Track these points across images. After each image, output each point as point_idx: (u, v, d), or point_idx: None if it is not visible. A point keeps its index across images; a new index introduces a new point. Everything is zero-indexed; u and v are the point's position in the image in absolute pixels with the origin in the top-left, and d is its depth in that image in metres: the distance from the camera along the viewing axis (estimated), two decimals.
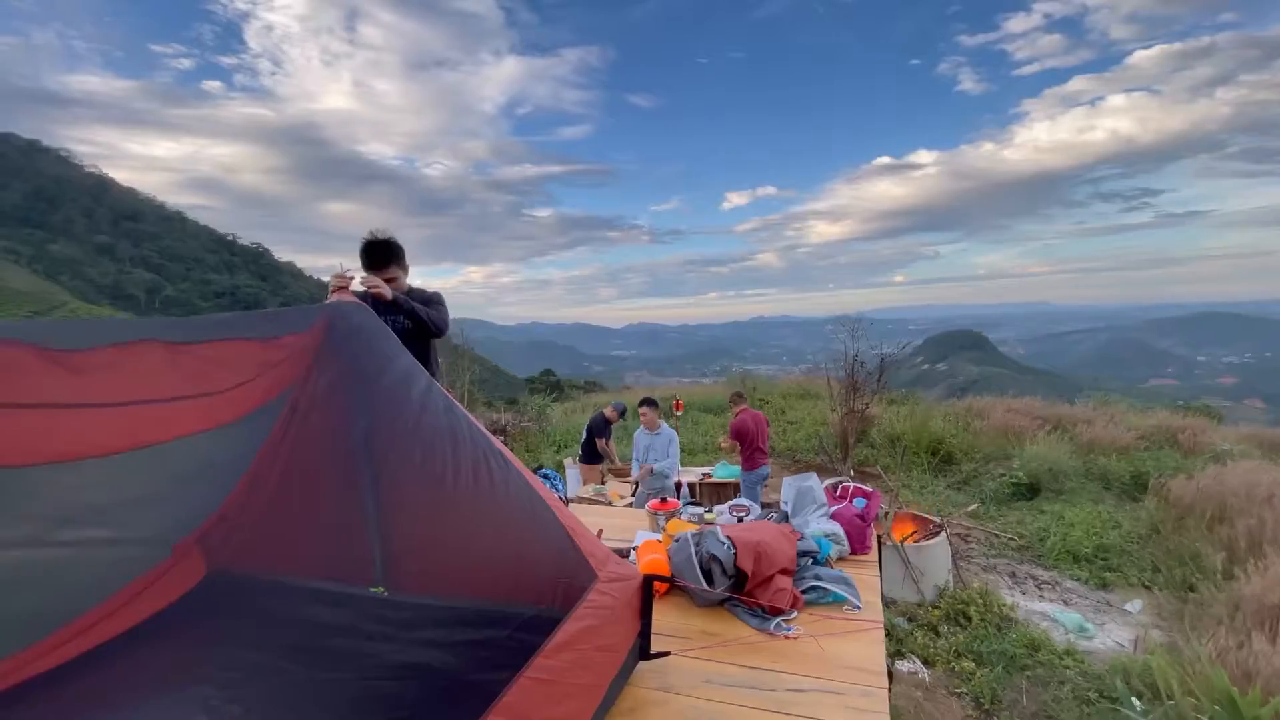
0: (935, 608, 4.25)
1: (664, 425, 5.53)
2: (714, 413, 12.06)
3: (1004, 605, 4.37)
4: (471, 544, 1.90)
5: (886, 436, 8.41)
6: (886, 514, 4.60)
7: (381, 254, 2.56)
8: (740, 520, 2.67)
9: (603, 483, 5.89)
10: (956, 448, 7.87)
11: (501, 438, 10.15)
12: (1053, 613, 4.42)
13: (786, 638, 1.90)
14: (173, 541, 2.18)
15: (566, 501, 3.42)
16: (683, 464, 8.31)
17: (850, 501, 2.83)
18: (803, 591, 2.12)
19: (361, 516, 2.13)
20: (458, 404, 1.86)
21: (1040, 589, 4.89)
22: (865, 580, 2.30)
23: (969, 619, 4.12)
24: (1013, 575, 5.15)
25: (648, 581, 1.72)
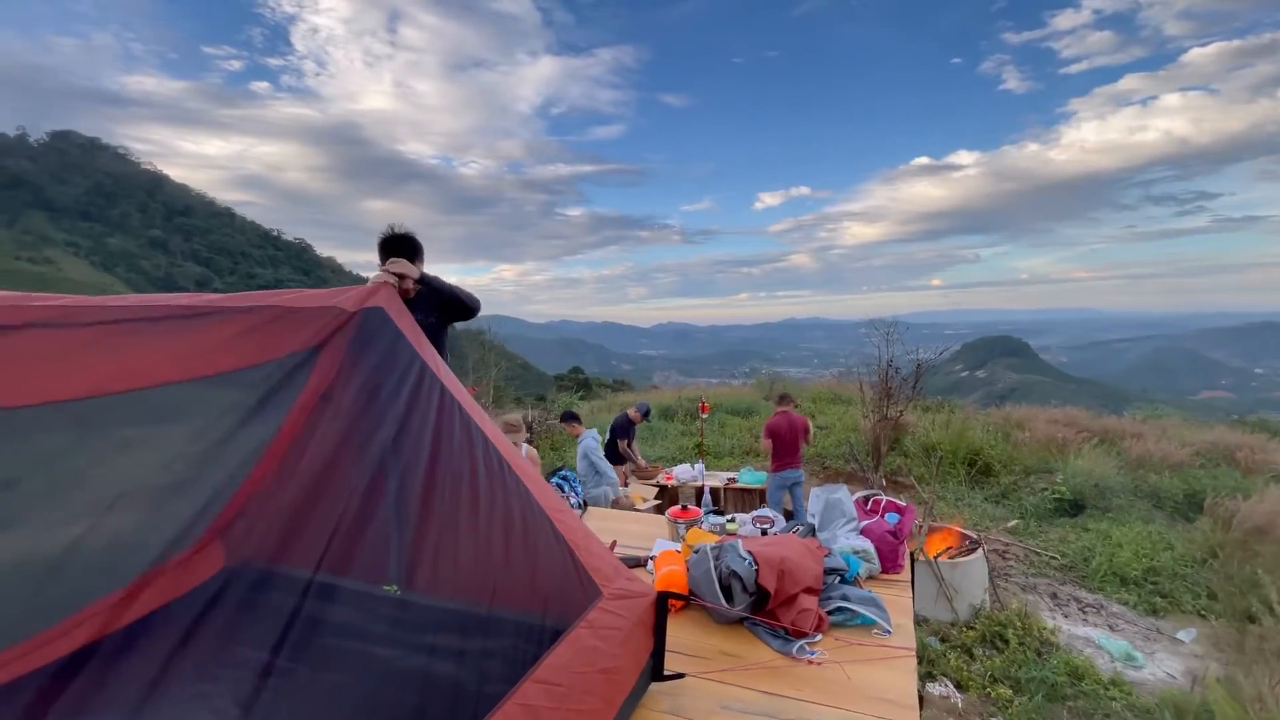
0: (970, 628, 4.05)
1: (585, 434, 5.36)
2: (741, 415, 11.88)
3: (1044, 628, 4.14)
4: (481, 548, 1.83)
5: (921, 445, 8.12)
6: (920, 527, 4.40)
7: (407, 249, 2.49)
8: (764, 533, 2.55)
9: (625, 484, 5.81)
10: (995, 459, 7.55)
11: (529, 435, 10.17)
12: (1097, 638, 4.17)
13: (810, 662, 1.78)
14: (193, 529, 2.17)
15: (585, 504, 3.34)
16: (708, 468, 8.19)
17: (882, 516, 2.68)
18: (829, 613, 2.00)
19: (384, 518, 2.09)
20: (468, 401, 1.79)
21: (1084, 612, 4.62)
22: (896, 602, 2.16)
23: (1006, 642, 3.91)
24: (1054, 596, 4.89)
25: (662, 600, 1.62)
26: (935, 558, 4.21)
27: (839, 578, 2.21)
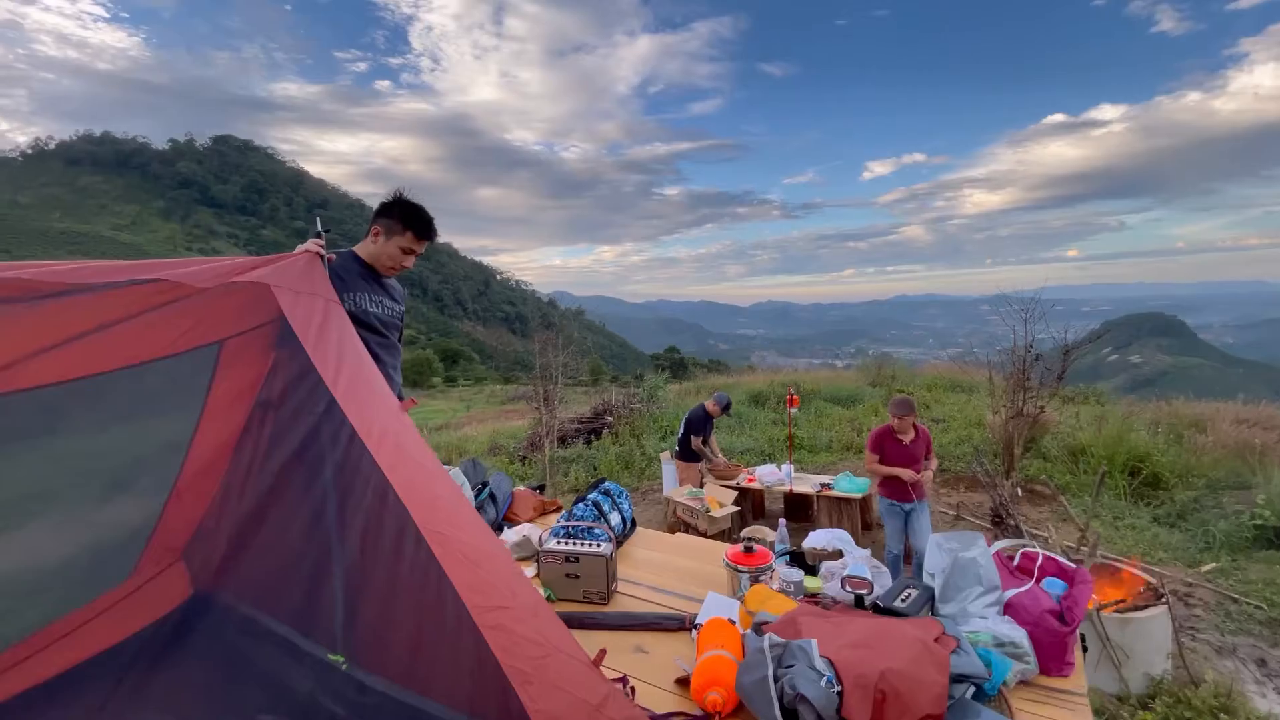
0: (1147, 708, 3.05)
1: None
2: (842, 404, 10.77)
3: (1256, 715, 3.05)
4: (419, 626, 1.29)
5: (1065, 447, 6.76)
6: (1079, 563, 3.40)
7: (429, 228, 1.96)
8: (859, 601, 1.82)
9: (700, 484, 5.16)
10: (1165, 468, 6.08)
11: (609, 419, 9.77)
12: None
13: None
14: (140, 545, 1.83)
15: (633, 522, 2.74)
16: (800, 464, 7.29)
17: (1038, 583, 1.86)
18: None
19: (328, 564, 1.63)
20: (389, 436, 1.23)
21: None
22: None
23: None
24: (1261, 664, 3.68)
25: None
26: (1099, 610, 3.21)
27: (973, 689, 1.46)
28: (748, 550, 2.10)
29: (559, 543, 2.15)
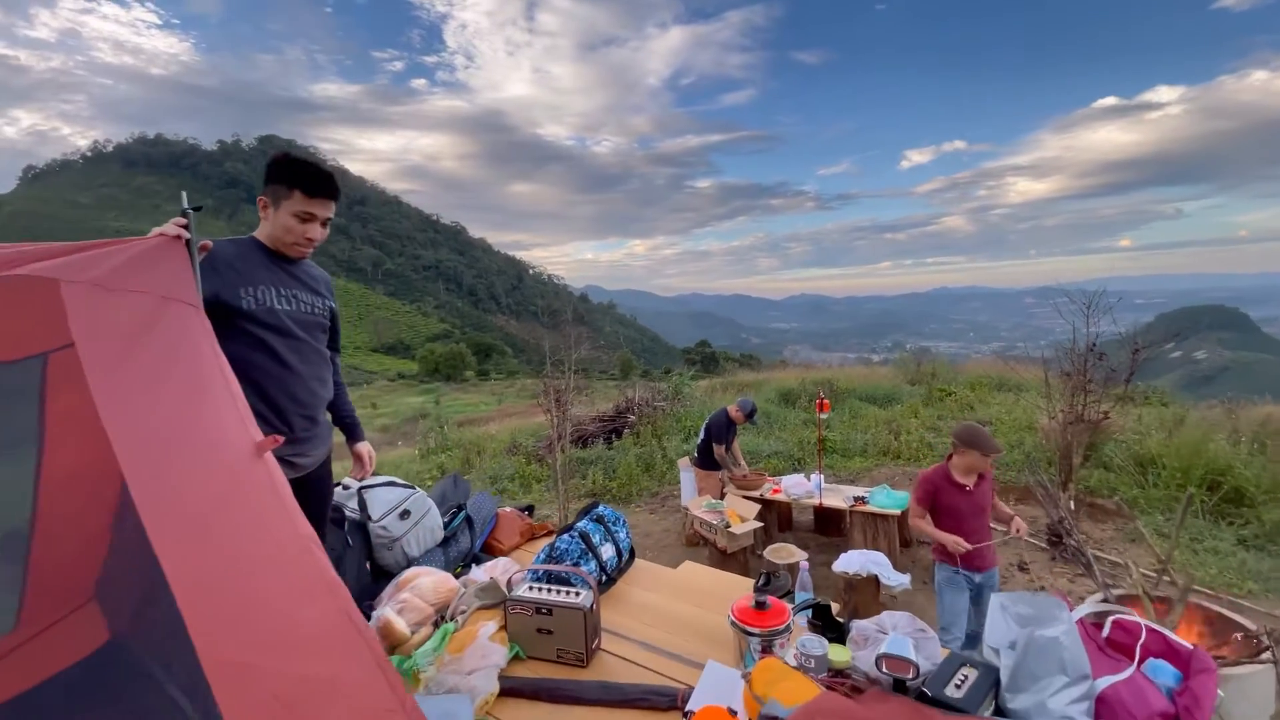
0: None
1: None
2: (878, 403, 10.17)
3: None
4: None
5: (1132, 456, 6.10)
6: (1165, 604, 2.89)
7: (333, 190, 1.60)
8: (900, 686, 1.41)
9: (721, 496, 4.76)
10: (1250, 482, 5.39)
11: (631, 418, 9.41)
12: None
13: None
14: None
15: (631, 553, 2.37)
16: (832, 470, 6.79)
17: (1139, 666, 1.42)
18: None
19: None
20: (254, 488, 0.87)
21: None
22: None
23: None
24: None
25: None
26: None
27: None
28: (759, 607, 1.69)
29: (532, 589, 1.80)
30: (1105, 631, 1.56)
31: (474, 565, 2.13)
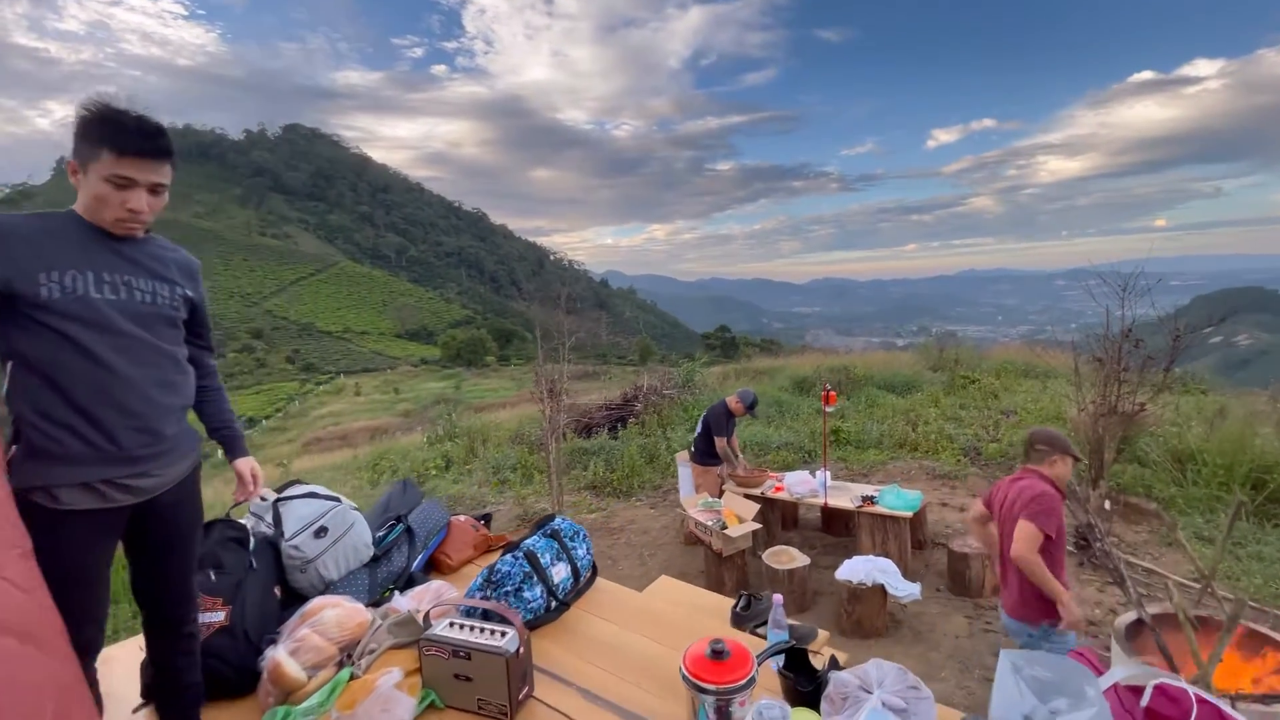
0: None
1: None
2: (897, 392, 9.74)
3: None
4: None
5: (1168, 451, 5.64)
6: (1207, 625, 2.53)
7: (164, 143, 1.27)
8: None
9: (720, 493, 4.47)
10: None
11: (638, 406, 9.13)
12: None
13: None
14: None
15: (576, 587, 2.10)
16: (844, 462, 6.43)
17: None
18: None
19: None
20: None
21: None
22: None
23: None
24: None
25: None
26: (1234, 699, 2.36)
27: None
28: (716, 656, 1.40)
29: (453, 625, 1.54)
30: (1145, 700, 1.24)
31: (400, 591, 1.88)
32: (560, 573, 1.98)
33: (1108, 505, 5.12)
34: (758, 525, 4.02)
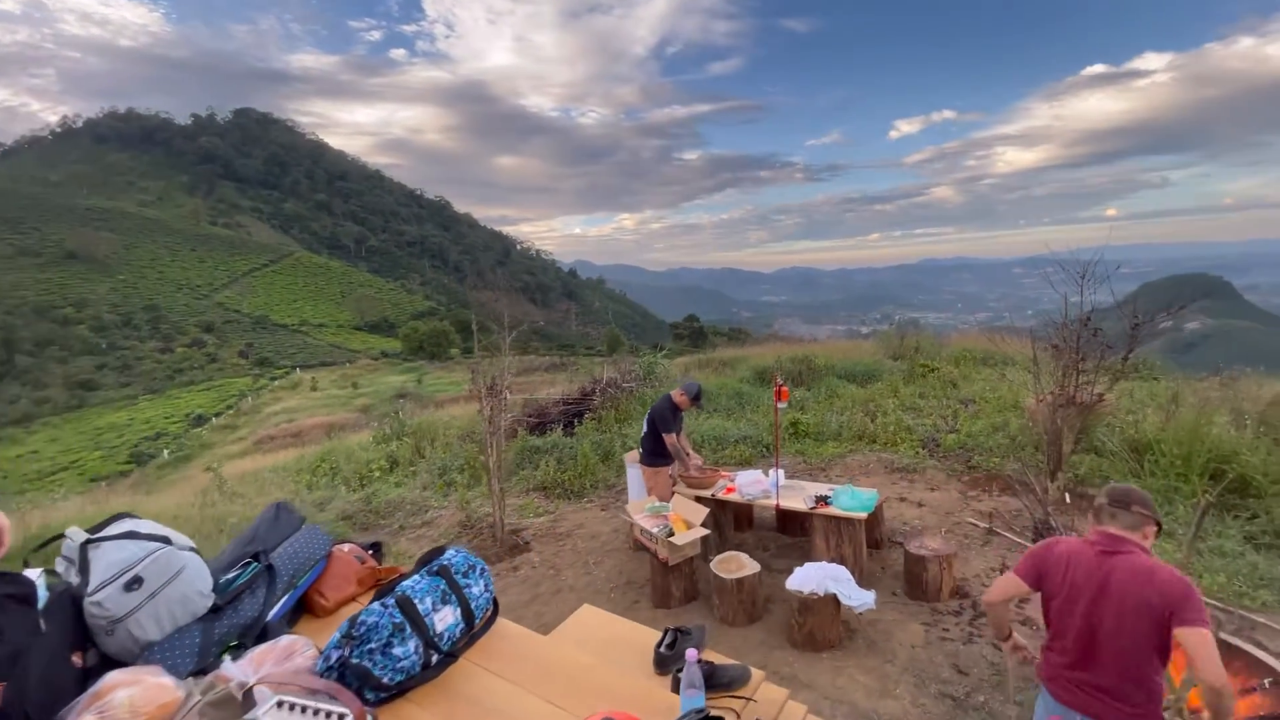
0: None
1: None
2: (858, 381, 9.63)
3: None
4: None
5: (1126, 441, 5.59)
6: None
7: None
8: None
9: (671, 495, 4.19)
10: (1257, 470, 4.90)
11: (595, 401, 8.80)
12: None
13: None
14: None
15: (486, 615, 1.78)
16: (803, 458, 6.21)
17: None
18: None
19: None
20: None
21: None
22: None
23: None
24: None
25: None
26: None
27: None
28: None
29: (282, 708, 1.20)
30: None
31: (243, 649, 1.52)
32: (445, 619, 1.64)
33: (1067, 498, 5.03)
34: (706, 531, 3.75)
